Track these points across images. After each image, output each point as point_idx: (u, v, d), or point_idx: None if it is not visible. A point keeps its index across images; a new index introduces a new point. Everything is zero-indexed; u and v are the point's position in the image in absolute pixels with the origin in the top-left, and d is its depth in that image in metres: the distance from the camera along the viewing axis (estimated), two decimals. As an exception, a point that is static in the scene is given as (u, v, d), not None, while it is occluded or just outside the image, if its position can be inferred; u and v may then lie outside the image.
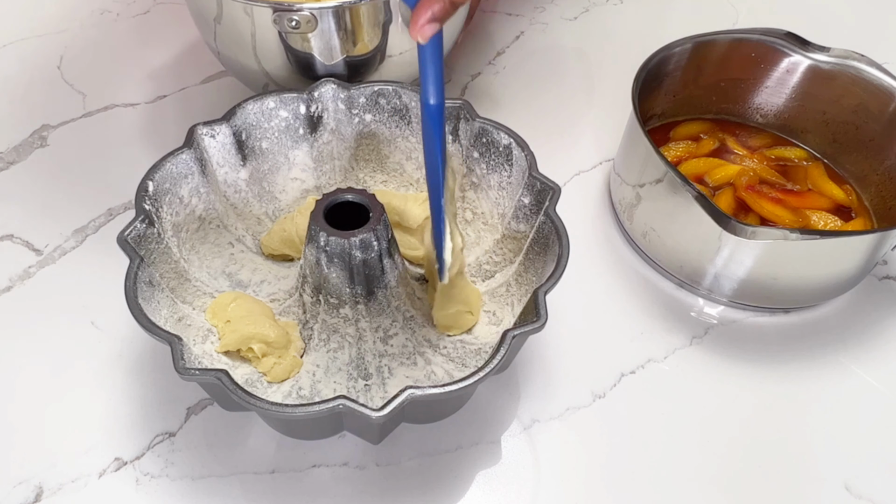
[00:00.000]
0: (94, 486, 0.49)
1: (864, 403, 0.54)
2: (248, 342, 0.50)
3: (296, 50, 0.58)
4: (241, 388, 0.41)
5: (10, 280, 0.59)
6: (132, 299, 0.44)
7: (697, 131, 0.67)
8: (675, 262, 0.59)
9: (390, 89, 0.57)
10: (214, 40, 0.62)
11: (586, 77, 0.77)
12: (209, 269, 0.55)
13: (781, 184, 0.63)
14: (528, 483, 0.50)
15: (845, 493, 0.50)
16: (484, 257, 0.56)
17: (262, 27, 0.56)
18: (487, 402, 0.53)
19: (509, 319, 0.52)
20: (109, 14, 0.81)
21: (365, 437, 0.49)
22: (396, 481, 0.49)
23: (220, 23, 0.59)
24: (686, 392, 0.54)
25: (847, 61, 0.62)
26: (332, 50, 0.58)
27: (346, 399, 0.40)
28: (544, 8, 0.84)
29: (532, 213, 0.52)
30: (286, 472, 0.49)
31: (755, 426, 0.53)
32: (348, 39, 0.58)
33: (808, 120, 0.66)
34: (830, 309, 0.59)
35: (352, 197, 0.49)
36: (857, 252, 0.54)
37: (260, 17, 0.56)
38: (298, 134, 0.57)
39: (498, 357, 0.42)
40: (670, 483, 0.50)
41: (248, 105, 0.55)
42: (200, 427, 0.51)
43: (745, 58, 0.65)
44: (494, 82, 0.76)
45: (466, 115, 0.55)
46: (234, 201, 0.57)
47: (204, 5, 0.59)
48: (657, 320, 0.58)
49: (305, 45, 0.57)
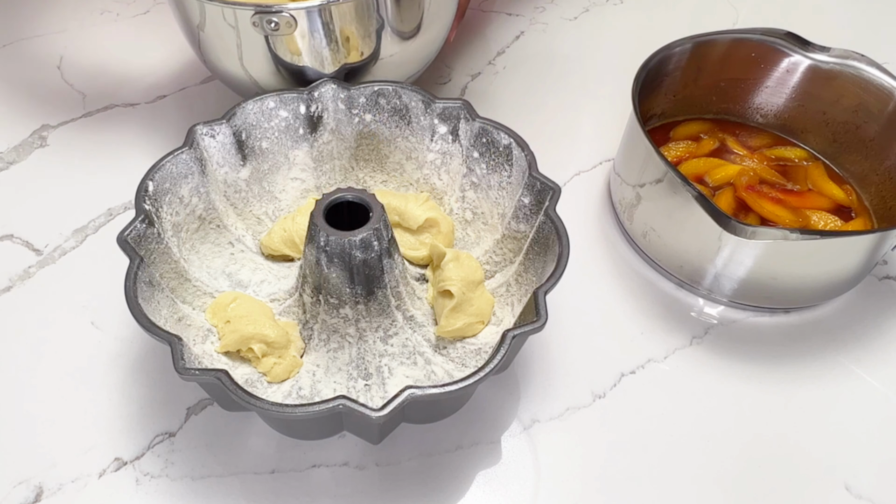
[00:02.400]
0: (94, 486, 0.49)
1: (864, 403, 0.54)
2: (248, 342, 0.50)
3: (281, 55, 0.57)
4: (241, 388, 0.41)
5: (10, 280, 0.59)
6: (132, 299, 0.44)
7: (697, 131, 0.67)
8: (675, 262, 0.59)
9: (390, 89, 0.57)
10: (199, 48, 0.61)
11: (586, 77, 0.77)
12: (209, 269, 0.55)
13: (781, 184, 0.63)
14: (528, 483, 0.50)
15: (845, 493, 0.50)
16: (484, 257, 0.56)
17: (246, 33, 0.56)
18: (487, 402, 0.53)
19: (509, 319, 0.52)
20: (109, 14, 0.81)
21: (365, 437, 0.49)
22: (396, 481, 0.49)
23: (204, 30, 0.58)
24: (686, 392, 0.54)
25: (847, 61, 0.62)
26: (320, 54, 0.57)
27: (346, 399, 0.40)
28: (544, 8, 0.84)
29: (532, 213, 0.52)
30: (286, 472, 0.50)
31: (755, 426, 0.53)
32: (333, 42, 0.57)
33: (808, 120, 0.66)
34: (830, 309, 0.59)
35: (352, 197, 0.49)
36: (857, 252, 0.54)
37: (242, 22, 0.55)
38: (298, 134, 0.57)
39: (498, 357, 0.42)
40: (670, 483, 0.50)
41: (248, 105, 0.55)
42: (200, 427, 0.51)
43: (745, 58, 0.65)
44: (494, 82, 0.76)
45: (466, 115, 0.55)
46: (234, 201, 0.57)
47: (188, 16, 0.59)
48: (657, 320, 0.58)
49: (292, 48, 0.57)
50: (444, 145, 0.57)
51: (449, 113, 0.56)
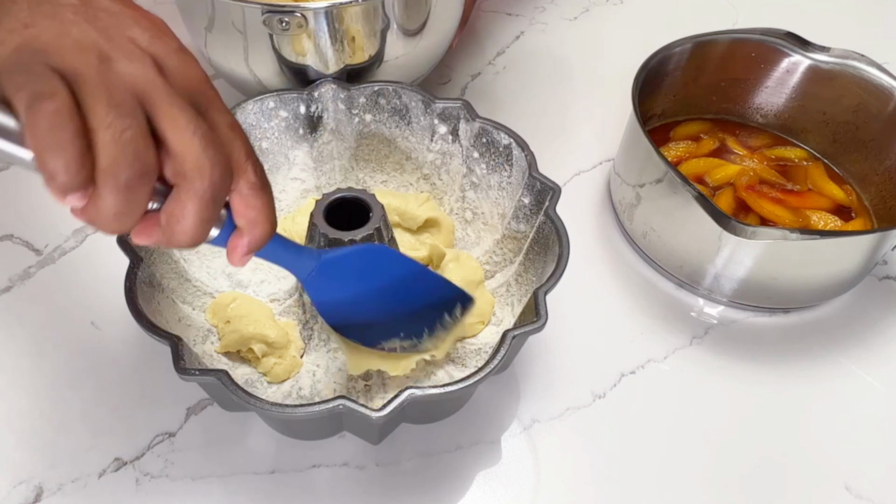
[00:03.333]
0: (94, 486, 0.49)
1: (864, 403, 0.54)
2: (248, 342, 0.50)
3: (287, 55, 0.57)
4: (241, 389, 0.41)
5: (10, 280, 0.59)
6: (132, 300, 0.44)
7: (697, 131, 0.67)
8: (675, 262, 0.59)
9: (390, 89, 0.56)
10: (206, 47, 0.61)
11: (586, 77, 0.77)
12: (209, 269, 0.55)
13: (781, 184, 0.63)
14: (528, 483, 0.50)
15: (845, 493, 0.50)
16: (484, 257, 0.56)
17: (254, 31, 0.56)
18: (487, 402, 0.53)
19: (509, 319, 0.52)
20: (109, 14, 0.81)
21: (365, 437, 0.49)
22: (396, 481, 0.49)
23: (212, 28, 0.58)
24: (686, 392, 0.54)
25: (847, 61, 0.62)
26: (325, 55, 0.57)
27: (347, 399, 0.40)
28: (544, 8, 0.84)
29: (532, 213, 0.52)
30: (286, 472, 0.49)
31: (755, 426, 0.53)
32: (341, 43, 0.57)
33: (808, 120, 0.66)
34: (830, 309, 0.59)
35: (352, 196, 0.49)
36: (857, 252, 0.54)
37: (251, 21, 0.55)
38: (298, 134, 0.57)
39: (498, 357, 0.42)
40: (670, 483, 0.50)
41: (248, 105, 0.55)
42: (200, 427, 0.51)
43: (745, 58, 0.65)
44: (494, 82, 0.76)
45: (466, 115, 0.55)
46: (234, 201, 0.57)
47: (195, 11, 0.59)
48: (657, 320, 0.58)
49: (297, 49, 0.57)
50: (444, 145, 0.57)
51: (449, 113, 0.56)
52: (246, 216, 0.33)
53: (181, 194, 0.30)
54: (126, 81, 0.29)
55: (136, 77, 0.29)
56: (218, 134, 0.31)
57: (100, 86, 0.28)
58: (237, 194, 0.33)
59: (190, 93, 0.31)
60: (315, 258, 0.41)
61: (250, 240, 0.33)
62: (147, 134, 0.29)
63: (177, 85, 0.31)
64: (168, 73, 0.31)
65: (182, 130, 0.30)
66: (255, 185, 0.33)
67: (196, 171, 0.30)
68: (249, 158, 0.33)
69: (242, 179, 0.32)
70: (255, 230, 0.33)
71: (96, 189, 0.29)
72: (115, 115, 0.28)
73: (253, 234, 0.33)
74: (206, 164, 0.30)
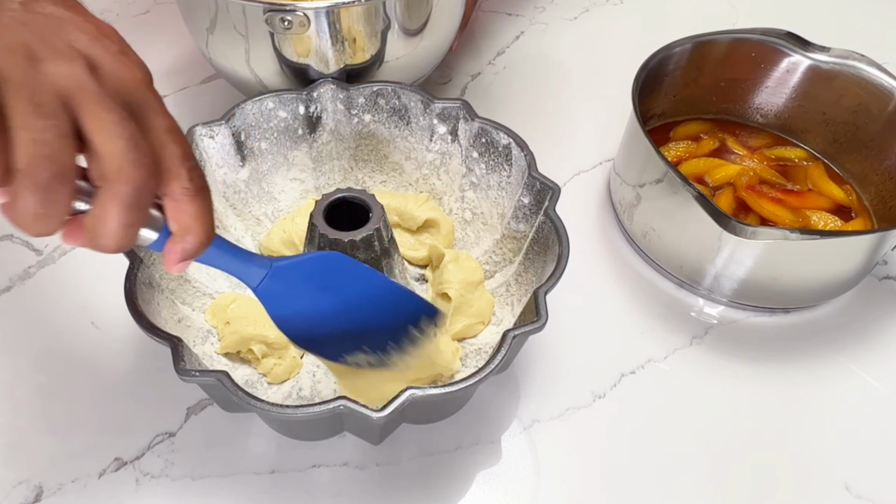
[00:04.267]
0: (94, 486, 0.49)
1: (864, 403, 0.54)
2: (248, 343, 0.50)
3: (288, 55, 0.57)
4: (241, 390, 0.41)
5: (10, 280, 0.59)
6: (132, 301, 0.44)
7: (697, 131, 0.67)
8: (675, 262, 0.59)
9: (389, 89, 0.57)
10: (206, 47, 0.61)
11: (586, 77, 0.77)
12: (208, 270, 0.55)
13: (781, 184, 0.63)
14: (528, 483, 0.50)
15: (845, 493, 0.50)
16: (484, 257, 0.56)
17: (255, 31, 0.56)
18: (487, 402, 0.53)
19: (509, 319, 0.52)
20: (109, 14, 0.81)
21: (365, 437, 0.49)
22: (396, 481, 0.49)
23: (213, 27, 0.58)
24: (686, 392, 0.54)
25: (847, 61, 0.62)
26: (326, 55, 0.57)
27: (347, 400, 0.40)
28: (544, 8, 0.84)
29: (532, 213, 0.52)
30: (286, 472, 0.49)
31: (755, 426, 0.53)
32: (342, 43, 0.57)
33: (808, 120, 0.66)
34: (830, 309, 0.59)
35: (352, 197, 0.49)
36: (857, 252, 0.54)
37: (253, 20, 0.55)
38: (297, 134, 0.57)
39: (498, 357, 0.42)
40: (670, 483, 0.50)
41: (248, 105, 0.55)
42: (200, 427, 0.51)
43: (745, 58, 0.65)
44: (494, 82, 0.76)
45: (466, 115, 0.55)
46: (234, 202, 0.57)
47: (197, 11, 0.59)
48: (657, 320, 0.58)
49: (299, 49, 0.57)
50: (443, 145, 0.57)
51: (448, 113, 0.56)
52: (179, 221, 0.32)
53: (102, 196, 0.30)
54: (53, 82, 0.29)
55: (64, 78, 0.29)
56: (150, 137, 0.31)
57: (23, 86, 0.28)
58: (169, 199, 0.32)
59: (124, 95, 0.31)
60: (265, 265, 0.39)
61: (184, 246, 0.33)
62: (68, 135, 0.29)
63: (109, 87, 0.30)
64: (102, 75, 0.30)
65: (106, 132, 0.29)
66: (189, 191, 0.32)
67: (118, 174, 0.29)
68: (185, 163, 0.32)
69: (175, 183, 0.32)
70: (189, 236, 0.32)
71: (14, 189, 0.28)
72: (35, 115, 0.28)
73: (186, 240, 0.33)
74: (127, 166, 0.29)
